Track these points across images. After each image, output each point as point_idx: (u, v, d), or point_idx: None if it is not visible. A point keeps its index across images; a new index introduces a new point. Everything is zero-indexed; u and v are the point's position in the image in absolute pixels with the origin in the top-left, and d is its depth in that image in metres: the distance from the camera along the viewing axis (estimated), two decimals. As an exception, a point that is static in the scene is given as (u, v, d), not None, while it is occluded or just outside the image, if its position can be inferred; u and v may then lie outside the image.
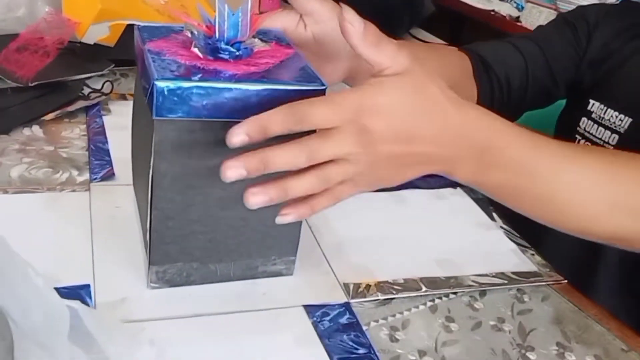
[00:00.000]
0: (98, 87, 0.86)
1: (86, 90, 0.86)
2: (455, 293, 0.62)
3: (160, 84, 0.45)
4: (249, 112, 0.45)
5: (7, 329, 0.35)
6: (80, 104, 0.83)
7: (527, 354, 0.56)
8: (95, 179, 0.68)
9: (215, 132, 0.47)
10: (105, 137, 0.77)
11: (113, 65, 0.93)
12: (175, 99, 0.46)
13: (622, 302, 0.77)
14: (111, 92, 0.86)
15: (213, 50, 0.50)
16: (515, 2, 1.44)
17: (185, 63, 0.48)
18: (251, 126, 0.44)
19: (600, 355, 0.57)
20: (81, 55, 0.91)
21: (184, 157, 0.49)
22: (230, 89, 0.47)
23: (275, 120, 0.45)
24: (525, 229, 0.72)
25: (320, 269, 0.62)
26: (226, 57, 0.50)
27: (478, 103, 0.83)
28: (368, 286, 0.60)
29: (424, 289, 0.61)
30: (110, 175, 0.69)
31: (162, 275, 0.54)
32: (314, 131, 0.47)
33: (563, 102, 0.95)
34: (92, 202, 0.65)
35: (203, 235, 0.53)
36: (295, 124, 0.45)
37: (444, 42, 1.48)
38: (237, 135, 0.44)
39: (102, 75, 0.90)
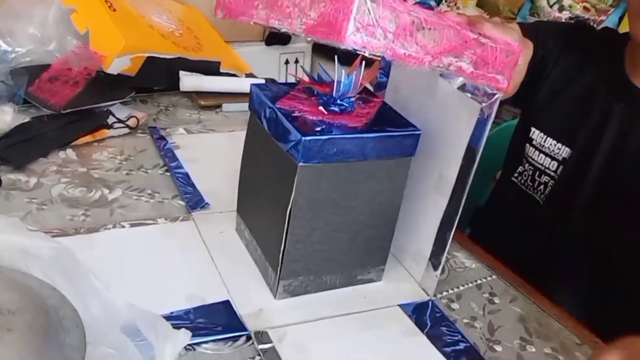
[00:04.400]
0: (121, 114, 0.97)
1: (111, 119, 0.96)
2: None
3: (307, 138, 0.57)
4: (365, 153, 0.61)
5: (79, 319, 0.45)
6: (107, 133, 0.94)
7: (494, 346, 0.66)
8: (194, 208, 0.79)
9: (337, 172, 0.61)
10: (187, 172, 0.87)
11: (134, 93, 1.03)
12: (316, 149, 0.58)
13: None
14: (137, 126, 0.97)
15: (327, 105, 0.62)
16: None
17: (314, 119, 0.61)
18: None
19: (557, 348, 0.67)
20: (106, 84, 1.02)
21: (315, 193, 0.61)
22: (354, 139, 0.60)
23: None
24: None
25: (402, 275, 0.74)
26: (336, 109, 0.62)
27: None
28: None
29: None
30: (205, 205, 0.80)
31: (287, 287, 0.66)
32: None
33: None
34: (200, 230, 0.75)
35: (321, 252, 0.65)
36: None
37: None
38: None
39: (124, 103, 1.01)
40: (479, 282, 0.76)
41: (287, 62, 1.39)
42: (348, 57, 0.60)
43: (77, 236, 0.71)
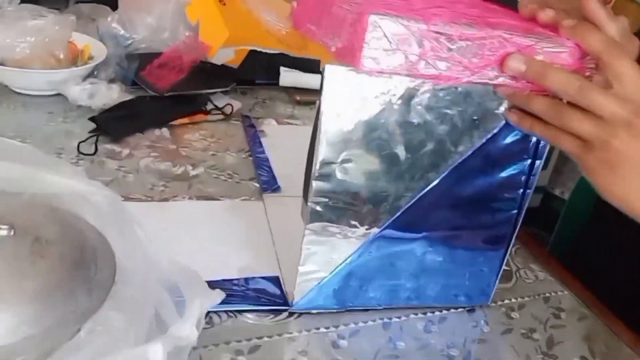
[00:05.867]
0: (219, 102, 1.02)
1: (209, 106, 1.01)
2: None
3: None
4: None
5: (114, 260, 0.48)
6: (203, 117, 0.99)
7: (550, 360, 0.62)
8: (266, 190, 0.82)
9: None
10: (267, 156, 0.90)
11: (235, 84, 1.08)
12: None
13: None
14: (231, 113, 1.01)
15: None
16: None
17: None
18: (537, 62, 0.51)
19: (621, 374, 0.62)
20: (210, 73, 1.07)
21: None
22: None
23: (560, 76, 0.51)
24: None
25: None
26: None
27: None
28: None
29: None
30: (277, 188, 0.83)
31: None
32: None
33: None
34: (268, 210, 0.78)
35: None
36: (573, 90, 0.50)
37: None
38: (518, 61, 0.51)
39: (225, 92, 1.06)
40: (547, 295, 0.72)
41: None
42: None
43: (151, 202, 0.76)
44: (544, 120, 0.54)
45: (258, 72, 1.13)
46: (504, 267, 0.73)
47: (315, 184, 0.59)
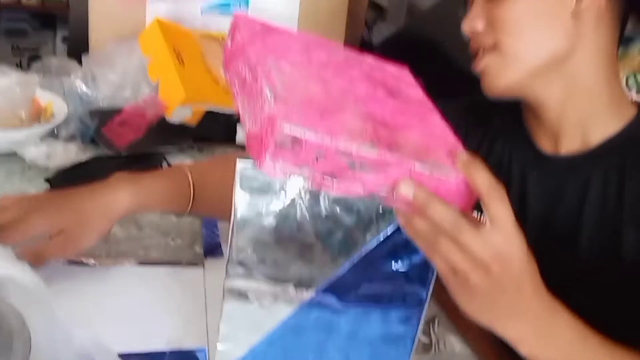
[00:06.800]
0: (176, 160, 1.06)
1: (164, 165, 1.06)
2: None
3: None
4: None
5: (29, 344, 0.52)
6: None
7: None
8: (208, 255, 0.86)
9: None
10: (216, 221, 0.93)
11: (191, 142, 1.13)
12: None
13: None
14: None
15: None
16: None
17: None
18: (423, 193, 0.55)
19: None
20: (167, 132, 1.12)
21: None
22: None
23: (440, 209, 0.55)
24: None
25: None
26: None
27: None
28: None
29: None
30: (220, 254, 0.87)
31: None
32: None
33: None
34: (207, 277, 0.82)
35: None
36: (447, 225, 0.55)
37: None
38: (408, 186, 0.55)
39: (182, 150, 1.11)
40: (461, 367, 0.76)
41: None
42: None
43: (93, 268, 0.80)
44: None
45: (215, 130, 1.18)
46: (424, 340, 0.78)
47: (231, 268, 0.63)
